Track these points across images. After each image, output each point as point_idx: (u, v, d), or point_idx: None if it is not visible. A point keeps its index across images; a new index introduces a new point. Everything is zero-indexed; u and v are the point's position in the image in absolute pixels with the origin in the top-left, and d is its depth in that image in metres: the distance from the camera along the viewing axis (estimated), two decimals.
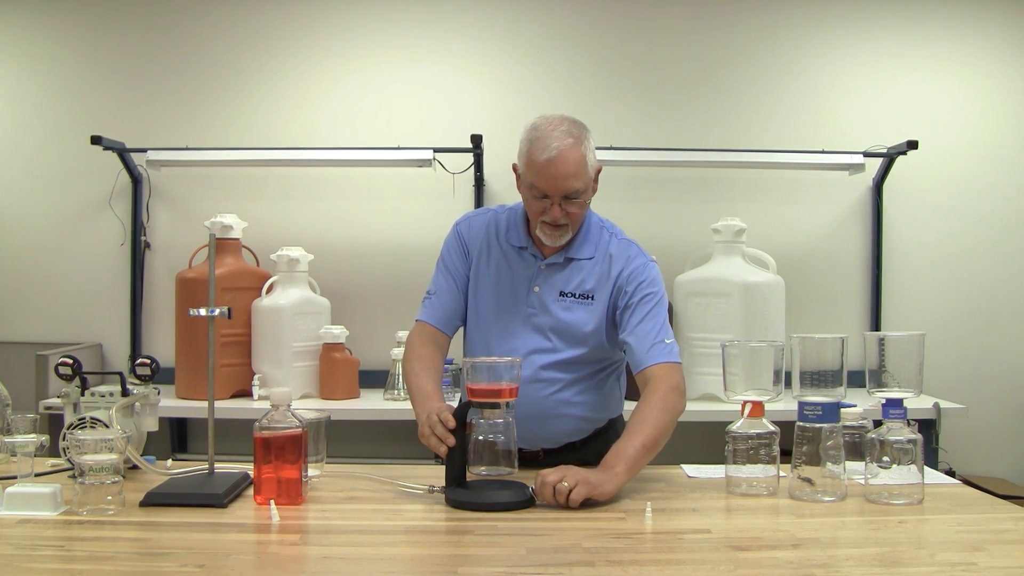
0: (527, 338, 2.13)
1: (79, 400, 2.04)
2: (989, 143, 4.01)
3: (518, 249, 2.16)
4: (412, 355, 2.15)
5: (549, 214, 2.03)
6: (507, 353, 2.05)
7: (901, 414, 1.83)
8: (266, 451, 1.77)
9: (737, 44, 4.01)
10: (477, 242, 2.20)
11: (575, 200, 2.02)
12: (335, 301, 3.70)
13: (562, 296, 2.12)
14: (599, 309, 2.11)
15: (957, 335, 3.97)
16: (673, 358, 2.05)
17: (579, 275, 2.13)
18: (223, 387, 3.47)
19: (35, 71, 4.02)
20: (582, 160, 2.00)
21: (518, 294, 2.15)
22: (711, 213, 3.68)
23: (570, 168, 1.98)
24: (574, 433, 2.19)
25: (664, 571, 1.44)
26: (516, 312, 2.14)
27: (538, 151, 1.98)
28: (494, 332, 2.15)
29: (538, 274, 2.14)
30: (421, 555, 1.57)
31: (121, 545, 1.55)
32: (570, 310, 2.11)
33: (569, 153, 1.98)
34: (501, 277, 2.16)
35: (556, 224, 2.05)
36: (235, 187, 3.94)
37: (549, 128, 2.00)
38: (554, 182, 1.99)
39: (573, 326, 2.11)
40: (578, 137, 2.00)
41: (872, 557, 1.51)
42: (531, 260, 2.15)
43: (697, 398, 3.49)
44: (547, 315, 2.12)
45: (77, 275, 3.98)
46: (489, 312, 2.17)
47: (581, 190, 2.02)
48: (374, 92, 3.96)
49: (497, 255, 2.18)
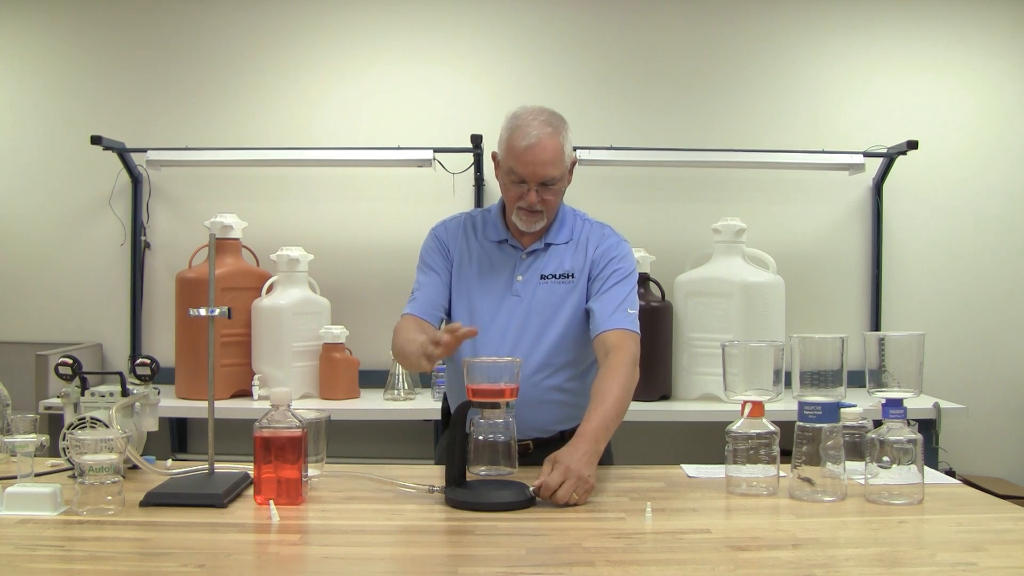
0: (515, 327, 2.18)
1: (79, 400, 2.04)
2: (989, 143, 4.01)
3: (498, 243, 2.25)
4: (400, 338, 2.18)
5: (526, 199, 2.12)
6: (496, 343, 2.15)
7: (901, 414, 1.83)
8: (266, 451, 1.77)
9: (737, 44, 4.01)
10: (456, 242, 2.28)
11: (551, 187, 2.12)
12: (335, 301, 3.70)
13: (543, 279, 2.21)
14: (580, 287, 2.20)
15: (957, 335, 3.97)
16: (633, 327, 2.14)
17: (557, 258, 2.22)
18: (223, 387, 3.47)
19: (35, 71, 4.02)
20: (559, 149, 2.10)
21: (502, 285, 2.22)
22: (711, 213, 3.68)
23: (548, 155, 2.08)
24: (563, 420, 2.22)
25: (664, 571, 1.44)
26: (503, 303, 2.21)
27: (518, 138, 2.08)
28: (482, 325, 2.17)
29: (520, 264, 2.23)
30: (421, 555, 1.57)
31: (121, 545, 1.55)
32: (553, 291, 2.20)
33: (548, 141, 2.08)
34: (484, 272, 2.24)
35: (532, 210, 2.14)
36: (235, 187, 3.94)
37: (529, 117, 2.10)
38: (532, 168, 2.08)
39: (557, 306, 2.19)
40: (556, 127, 2.11)
41: (872, 557, 1.51)
42: (512, 252, 2.24)
43: (697, 398, 3.49)
44: (532, 300, 2.20)
45: (77, 275, 3.98)
46: (475, 306, 2.22)
47: (557, 178, 2.12)
48: (374, 92, 3.96)
49: (477, 252, 2.26)
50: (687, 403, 3.50)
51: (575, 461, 1.83)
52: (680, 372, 3.55)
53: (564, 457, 1.84)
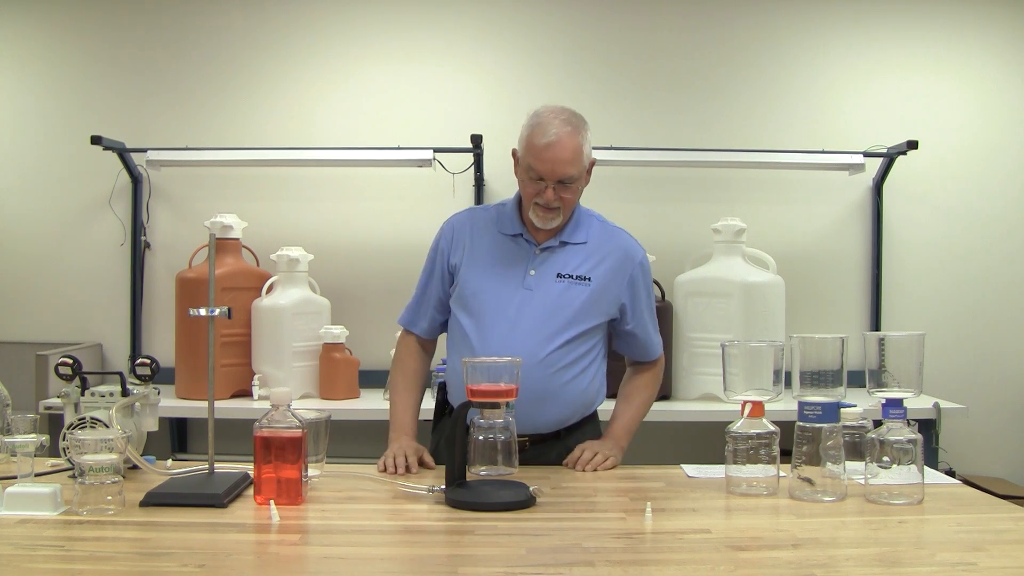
0: (525, 321, 2.18)
1: (79, 400, 2.04)
2: (989, 143, 4.01)
3: (512, 237, 2.25)
4: (398, 367, 2.36)
5: (543, 196, 2.13)
6: (505, 335, 2.16)
7: (901, 414, 1.83)
8: (266, 451, 1.77)
9: (737, 44, 4.01)
10: (465, 236, 2.28)
11: (569, 185, 2.14)
12: (335, 301, 3.70)
13: (559, 278, 2.21)
14: (597, 290, 2.21)
15: (957, 335, 3.97)
16: (661, 352, 2.41)
17: (575, 258, 2.22)
18: (223, 387, 3.47)
19: (35, 71, 4.02)
20: (579, 148, 2.11)
21: (514, 277, 2.22)
22: (711, 213, 3.68)
23: (567, 154, 2.09)
24: (566, 418, 2.25)
25: (664, 571, 1.44)
26: (514, 295, 2.20)
27: (538, 135, 2.10)
28: (490, 315, 2.20)
29: (534, 259, 2.23)
30: (421, 555, 1.57)
31: (121, 545, 1.55)
32: (567, 291, 2.20)
33: (567, 140, 2.10)
34: (496, 264, 2.24)
35: (549, 207, 2.15)
36: (235, 187, 3.94)
37: (551, 116, 2.12)
38: (551, 166, 2.10)
39: (570, 306, 2.19)
40: (577, 127, 2.13)
41: (872, 557, 1.51)
42: (526, 246, 2.24)
43: (697, 398, 3.49)
44: (545, 295, 2.19)
45: (77, 275, 3.98)
46: (486, 296, 2.22)
47: (575, 177, 2.13)
48: (374, 92, 3.96)
49: (491, 244, 2.26)
50: (687, 403, 3.50)
51: (604, 447, 2.17)
52: (680, 372, 3.55)
53: (594, 443, 2.19)
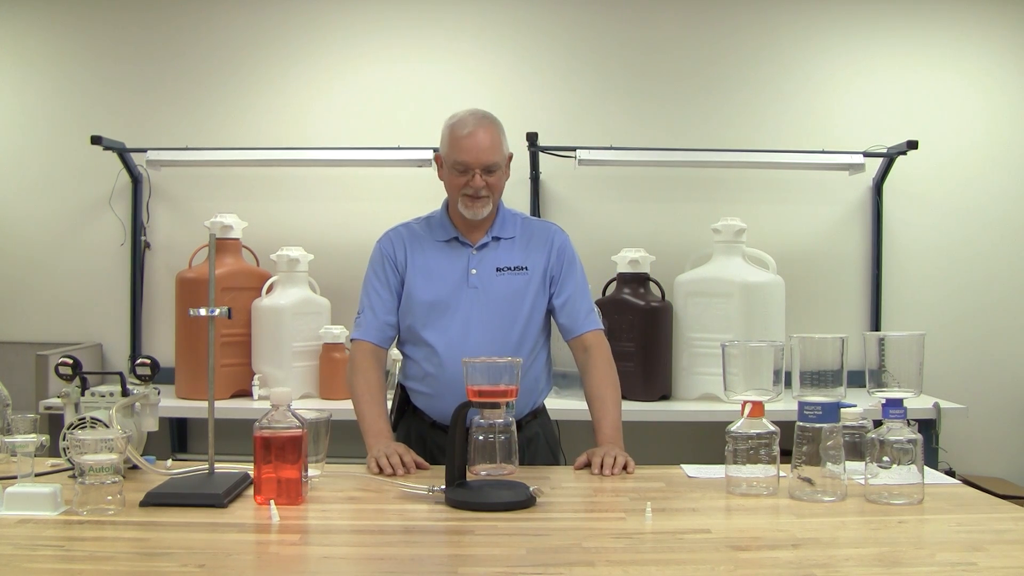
0: (477, 317, 2.29)
1: (79, 400, 2.04)
2: (990, 143, 4.01)
3: (447, 242, 2.36)
4: (360, 376, 2.34)
5: (471, 185, 2.25)
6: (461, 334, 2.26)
7: (901, 414, 1.83)
8: (266, 451, 1.77)
9: (737, 44, 4.01)
10: (403, 250, 2.38)
11: (493, 172, 2.27)
12: (335, 301, 3.70)
13: (499, 272, 2.33)
14: (534, 279, 2.34)
15: (957, 335, 3.96)
16: (601, 325, 2.41)
17: (509, 252, 2.35)
18: (223, 387, 3.48)
19: (35, 71, 4.02)
20: (498, 139, 2.27)
21: (458, 279, 2.32)
22: (711, 213, 3.68)
23: (487, 142, 2.24)
24: (520, 412, 2.31)
25: (664, 571, 1.44)
26: (461, 295, 2.30)
27: (459, 129, 2.26)
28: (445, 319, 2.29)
29: (472, 258, 2.34)
30: (421, 555, 1.57)
31: (121, 545, 1.55)
32: (510, 283, 2.32)
33: (486, 131, 2.25)
34: (438, 269, 2.34)
35: (477, 196, 2.26)
36: (235, 187, 3.94)
37: (467, 114, 2.28)
38: (475, 154, 2.23)
39: (515, 297, 2.32)
40: (492, 121, 2.29)
41: (872, 557, 1.51)
42: (462, 248, 2.35)
43: (697, 398, 3.49)
44: (490, 290, 2.31)
45: (77, 275, 3.98)
46: (435, 300, 2.31)
47: (499, 163, 2.27)
48: (374, 92, 3.97)
49: (428, 252, 2.36)
50: (687, 403, 3.50)
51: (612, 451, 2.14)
52: (680, 372, 3.55)
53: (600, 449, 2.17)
